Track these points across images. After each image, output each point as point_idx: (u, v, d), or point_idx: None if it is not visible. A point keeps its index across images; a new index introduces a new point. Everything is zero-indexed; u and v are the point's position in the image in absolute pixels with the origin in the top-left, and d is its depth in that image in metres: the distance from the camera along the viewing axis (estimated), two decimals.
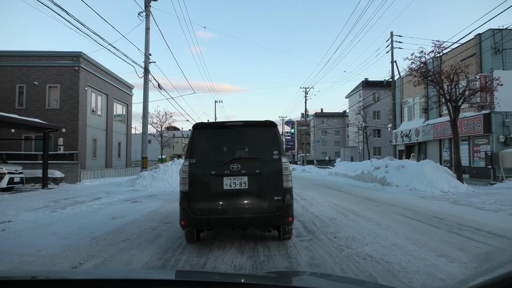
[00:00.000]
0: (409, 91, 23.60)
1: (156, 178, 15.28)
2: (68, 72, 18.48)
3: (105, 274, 1.73)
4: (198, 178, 4.50)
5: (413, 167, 13.99)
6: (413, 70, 13.80)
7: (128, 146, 26.82)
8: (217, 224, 4.44)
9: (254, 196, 4.45)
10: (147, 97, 16.93)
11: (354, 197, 10.96)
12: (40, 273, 1.61)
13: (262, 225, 4.58)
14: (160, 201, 10.16)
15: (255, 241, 4.86)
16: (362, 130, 36.48)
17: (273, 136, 4.77)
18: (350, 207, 8.54)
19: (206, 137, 4.84)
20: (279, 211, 4.39)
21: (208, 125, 5.41)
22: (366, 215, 7.15)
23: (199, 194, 4.47)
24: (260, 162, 4.60)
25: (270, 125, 4.85)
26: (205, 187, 4.49)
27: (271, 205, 4.41)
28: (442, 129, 18.84)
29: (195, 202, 4.43)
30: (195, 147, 4.68)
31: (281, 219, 4.42)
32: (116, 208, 8.83)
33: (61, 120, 18.27)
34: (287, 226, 4.63)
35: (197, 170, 4.51)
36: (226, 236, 5.21)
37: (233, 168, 4.45)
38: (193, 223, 4.45)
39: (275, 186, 4.49)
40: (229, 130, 4.88)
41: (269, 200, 4.44)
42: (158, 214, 7.58)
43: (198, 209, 4.38)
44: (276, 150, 4.65)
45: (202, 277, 1.62)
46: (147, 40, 16.79)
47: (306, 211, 7.78)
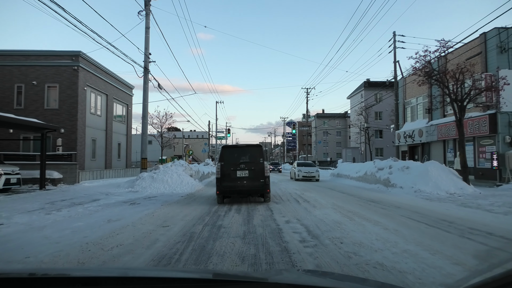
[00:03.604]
0: (412, 91, 23.31)
1: (156, 180, 15.01)
2: (67, 71, 18.22)
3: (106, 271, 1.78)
4: (224, 171, 9.48)
5: (418, 168, 13.70)
6: (417, 69, 13.52)
7: (128, 147, 26.55)
8: (233, 193, 9.62)
9: (251, 179, 9.43)
10: (146, 97, 16.68)
11: (358, 199, 10.68)
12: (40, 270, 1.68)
13: (255, 194, 9.84)
14: (159, 203, 9.90)
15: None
16: (364, 131, 36.16)
17: (260, 151, 9.96)
18: (354, 209, 8.26)
19: (228, 151, 10.00)
20: (262, 187, 9.44)
21: (229, 146, 11.22)
22: (372, 218, 6.87)
23: (225, 179, 9.43)
24: (254, 163, 9.55)
25: (258, 146, 10.35)
26: (228, 175, 9.44)
27: (259, 184, 9.41)
28: (446, 129, 18.54)
29: (223, 182, 9.41)
30: (223, 156, 9.73)
31: (263, 190, 9.50)
32: (113, 210, 8.57)
33: (60, 120, 18.03)
34: (267, 194, 9.69)
35: (224, 167, 9.51)
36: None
37: (241, 166, 9.51)
38: (222, 192, 9.45)
39: (261, 175, 9.43)
40: (239, 148, 10.35)
41: (258, 181, 9.42)
42: (156, 217, 7.32)
43: (225, 185, 9.39)
44: (262, 158, 9.69)
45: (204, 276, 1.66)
46: (147, 39, 16.54)
47: (309, 214, 7.51)
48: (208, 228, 6.05)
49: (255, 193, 9.74)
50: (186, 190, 14.08)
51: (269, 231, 5.71)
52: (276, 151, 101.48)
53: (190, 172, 17.12)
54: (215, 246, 4.66)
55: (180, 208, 8.89)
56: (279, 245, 4.70)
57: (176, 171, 15.76)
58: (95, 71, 20.21)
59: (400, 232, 5.54)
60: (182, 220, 6.95)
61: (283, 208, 8.64)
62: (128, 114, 26.18)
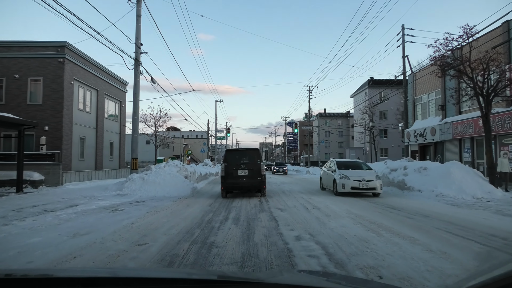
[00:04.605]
0: (423, 87, 21.91)
1: (147, 181, 13.61)
2: (52, 64, 16.76)
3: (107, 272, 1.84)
4: (228, 170, 11.05)
5: (438, 170, 12.31)
6: (437, 58, 12.10)
7: (122, 146, 25.07)
8: (235, 188, 11.36)
9: (250, 177, 11.09)
10: (137, 92, 15.29)
11: (375, 205, 9.28)
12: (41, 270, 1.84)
13: (253, 189, 11.54)
14: (145, 209, 8.52)
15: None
16: (369, 130, 34.74)
17: (258, 153, 11.82)
18: (376, 219, 6.86)
19: (230, 154, 11.89)
20: (259, 183, 11.10)
21: (232, 149, 13.89)
22: (403, 233, 5.47)
23: (228, 177, 11.00)
24: (252, 164, 11.25)
25: (256, 149, 12.35)
26: (230, 174, 11.04)
27: (256, 181, 11.07)
28: (463, 127, 17.12)
29: (226, 179, 10.98)
30: (226, 158, 11.41)
31: (260, 186, 11.16)
32: (88, 219, 7.18)
33: (44, 117, 16.61)
34: (263, 189, 11.29)
35: (227, 167, 11.07)
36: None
37: (241, 166, 11.16)
38: (226, 188, 11.05)
39: (258, 173, 11.09)
40: (240, 151, 12.73)
41: (256, 179, 11.07)
42: (135, 230, 5.92)
43: (228, 182, 10.99)
44: (259, 160, 11.43)
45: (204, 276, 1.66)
46: (138, 28, 15.13)
47: (323, 227, 6.09)
48: (195, 248, 4.65)
49: (253, 189, 11.60)
50: (180, 193, 12.76)
51: (275, 253, 4.31)
52: (277, 151, 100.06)
53: (185, 173, 15.71)
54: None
55: (167, 216, 7.51)
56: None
57: (169, 172, 14.35)
58: (83, 64, 18.71)
59: (451, 256, 4.14)
60: (165, 234, 5.55)
61: (290, 217, 7.25)
62: (121, 111, 24.66)
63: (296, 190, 14.28)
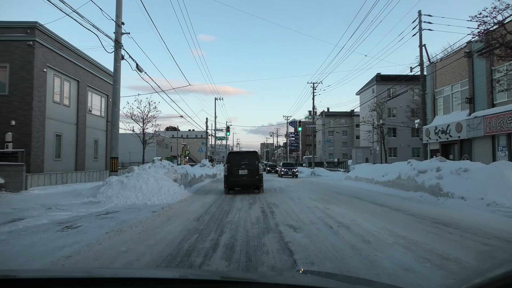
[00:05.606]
0: (446, 78, 19.53)
1: (126, 186, 11.29)
2: (19, 48, 14.36)
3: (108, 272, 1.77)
4: (230, 170, 13.04)
5: (483, 172, 9.95)
6: (483, 33, 9.74)
7: (108, 145, 22.68)
8: (236, 186, 13.25)
9: (249, 176, 13.06)
10: (118, 79, 12.94)
11: (416, 219, 6.93)
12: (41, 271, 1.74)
13: (252, 187, 13.45)
14: (108, 227, 6.23)
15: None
16: (378, 128, 32.36)
17: (256, 155, 14.04)
18: (441, 248, 4.49)
19: (232, 156, 14.26)
20: (257, 181, 13.09)
21: (233, 152, 16.81)
22: None
23: (230, 175, 13.00)
24: (251, 164, 13.27)
25: (255, 152, 14.83)
26: (232, 173, 13.01)
27: (255, 179, 13.09)
28: (498, 122, 14.73)
29: (229, 178, 12.98)
30: (229, 159, 13.67)
31: (258, 184, 13.15)
32: (13, 246, 4.89)
33: (10, 110, 14.23)
34: (261, 187, 13.25)
35: (230, 167, 13.09)
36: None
37: (242, 167, 13.13)
38: (228, 185, 13.00)
39: (257, 173, 13.09)
40: (240, 153, 15.05)
41: (254, 178, 13.07)
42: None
43: (230, 180, 12.98)
44: (257, 161, 13.52)
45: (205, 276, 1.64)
46: (119, 3, 12.81)
47: (369, 265, 3.70)
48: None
49: (252, 186, 13.34)
50: (165, 200, 10.53)
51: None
52: (278, 152, 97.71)
53: (175, 175, 13.36)
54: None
55: (132, 240, 5.21)
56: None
57: (154, 175, 12.00)
58: (59, 50, 16.29)
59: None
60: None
61: (310, 243, 4.89)
62: (108, 106, 22.15)
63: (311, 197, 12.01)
